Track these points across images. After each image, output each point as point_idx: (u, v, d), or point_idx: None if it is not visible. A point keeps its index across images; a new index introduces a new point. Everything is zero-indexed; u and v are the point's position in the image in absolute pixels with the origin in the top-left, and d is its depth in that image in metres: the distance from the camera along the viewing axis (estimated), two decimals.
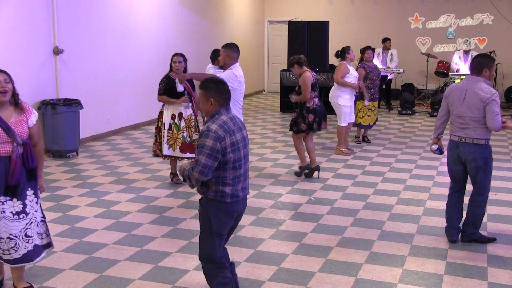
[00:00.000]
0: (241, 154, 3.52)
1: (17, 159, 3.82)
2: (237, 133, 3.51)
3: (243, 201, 3.64)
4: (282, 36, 16.16)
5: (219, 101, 3.53)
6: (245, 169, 3.59)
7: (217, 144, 3.37)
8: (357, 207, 6.15)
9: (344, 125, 8.74)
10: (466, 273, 4.50)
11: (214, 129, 3.40)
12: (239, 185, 3.55)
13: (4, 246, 3.91)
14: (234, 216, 3.62)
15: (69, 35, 8.94)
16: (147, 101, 11.08)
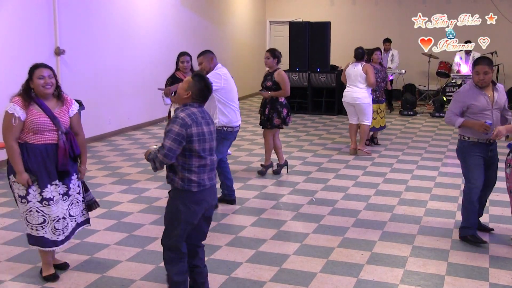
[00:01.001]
0: (206, 146, 3.69)
1: (64, 146, 4.14)
2: (204, 126, 3.68)
3: (210, 190, 3.78)
4: (283, 37, 16.17)
5: (196, 97, 3.72)
6: (211, 160, 3.75)
7: (182, 130, 3.56)
8: (358, 208, 6.14)
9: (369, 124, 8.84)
10: (467, 274, 4.49)
11: (181, 116, 3.61)
12: (205, 174, 3.71)
13: (60, 226, 4.26)
14: (203, 205, 3.73)
15: (71, 36, 8.96)
16: (148, 102, 11.09)
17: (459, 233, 5.21)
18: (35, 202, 4.16)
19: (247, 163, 8.16)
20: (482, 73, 4.94)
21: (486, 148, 5.10)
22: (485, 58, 5.12)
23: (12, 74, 7.97)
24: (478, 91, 5.01)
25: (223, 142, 6.05)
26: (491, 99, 5.02)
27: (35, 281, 4.32)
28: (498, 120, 5.08)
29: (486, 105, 4.99)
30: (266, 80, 7.40)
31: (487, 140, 5.06)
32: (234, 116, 6.08)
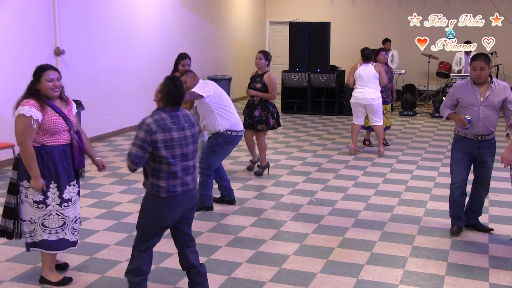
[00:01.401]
0: (176, 152, 3.60)
1: (78, 144, 4.23)
2: (176, 131, 3.60)
3: (183, 196, 3.69)
4: (283, 37, 16.18)
5: (166, 100, 3.67)
6: (183, 166, 3.66)
7: (147, 136, 3.54)
8: (358, 208, 6.14)
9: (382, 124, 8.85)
10: (467, 274, 4.50)
11: (147, 122, 3.58)
12: (175, 180, 3.64)
13: (77, 225, 4.36)
14: (174, 210, 3.67)
15: (70, 36, 8.95)
16: (148, 102, 11.05)
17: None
18: (55, 205, 4.17)
19: (246, 164, 8.16)
20: (479, 68, 5.02)
21: (472, 144, 5.17)
22: (482, 54, 5.20)
23: (12, 74, 7.97)
24: (471, 87, 5.13)
25: (227, 147, 5.95)
26: (482, 96, 5.08)
27: (34, 281, 4.32)
28: (488, 116, 5.09)
29: (474, 100, 5.09)
30: (255, 82, 7.39)
31: (475, 136, 5.11)
32: (236, 120, 5.98)
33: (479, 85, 5.11)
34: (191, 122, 3.75)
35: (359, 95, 8.67)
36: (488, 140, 5.18)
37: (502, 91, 5.12)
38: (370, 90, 8.60)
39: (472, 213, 5.41)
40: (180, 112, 3.72)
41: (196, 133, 3.78)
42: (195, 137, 3.76)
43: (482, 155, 5.20)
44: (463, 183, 5.28)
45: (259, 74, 7.40)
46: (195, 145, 3.78)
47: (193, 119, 3.79)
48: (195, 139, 3.76)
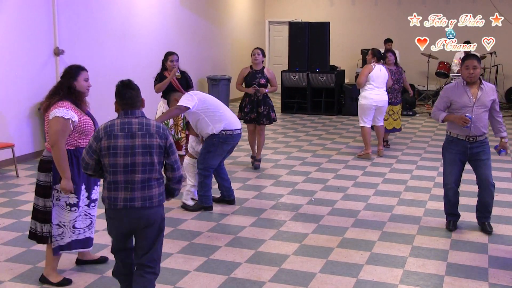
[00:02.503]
0: (119, 161, 3.40)
1: None
2: (122, 139, 3.40)
3: (125, 211, 3.43)
4: (282, 37, 16.17)
5: (121, 104, 3.55)
6: (128, 179, 3.42)
7: (94, 143, 3.46)
8: (358, 208, 6.14)
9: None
10: (467, 274, 4.49)
11: (99, 128, 3.51)
12: (118, 192, 3.43)
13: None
14: (114, 223, 3.53)
15: (70, 36, 8.95)
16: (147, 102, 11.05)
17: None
18: (83, 206, 4.23)
19: (246, 163, 8.16)
20: (472, 67, 5.07)
21: (464, 145, 5.19)
22: (473, 54, 5.35)
23: (11, 75, 7.97)
24: (463, 88, 5.16)
25: (222, 147, 5.87)
26: (474, 97, 5.12)
27: (34, 281, 4.31)
28: (480, 117, 5.13)
29: (467, 102, 5.13)
30: (257, 78, 7.61)
31: (467, 137, 5.14)
32: (230, 119, 5.90)
33: (470, 86, 5.15)
34: (149, 131, 3.45)
35: (377, 97, 8.41)
36: (480, 141, 5.20)
37: (491, 91, 5.20)
38: (383, 91, 8.56)
39: (479, 212, 5.43)
40: (136, 119, 3.47)
41: (153, 144, 3.44)
42: (149, 148, 3.43)
43: (476, 155, 5.22)
44: (454, 184, 5.36)
45: (257, 70, 7.63)
46: (151, 157, 3.44)
47: (153, 129, 3.47)
48: (149, 150, 3.43)
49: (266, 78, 7.62)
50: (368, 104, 8.42)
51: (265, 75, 7.63)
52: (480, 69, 5.12)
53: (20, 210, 5.98)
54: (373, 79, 8.42)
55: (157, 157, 3.47)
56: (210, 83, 13.19)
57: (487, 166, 5.26)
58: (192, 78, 7.57)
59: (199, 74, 13.33)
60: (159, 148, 3.47)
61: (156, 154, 3.46)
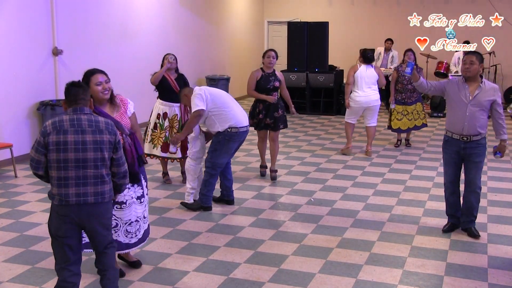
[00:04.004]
0: (70, 157, 3.41)
1: (130, 148, 4.08)
2: (73, 134, 3.43)
3: (77, 207, 3.45)
4: (281, 37, 16.15)
5: (67, 102, 3.58)
6: (79, 174, 3.43)
7: (41, 138, 3.43)
8: (357, 208, 6.14)
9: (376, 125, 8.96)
10: (466, 274, 4.49)
11: (46, 124, 3.48)
12: (68, 188, 3.43)
13: (133, 229, 4.30)
14: (65, 220, 3.47)
15: (69, 36, 8.94)
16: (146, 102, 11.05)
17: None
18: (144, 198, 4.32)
19: (245, 164, 8.16)
20: (469, 62, 5.07)
21: (458, 144, 5.18)
22: (474, 51, 5.30)
23: (10, 74, 7.96)
24: (462, 84, 5.16)
25: (229, 144, 5.85)
26: (471, 94, 5.09)
27: (33, 282, 4.30)
28: (475, 116, 5.07)
29: (463, 98, 5.12)
30: (271, 81, 7.15)
31: (461, 136, 5.13)
32: (237, 117, 5.85)
33: (470, 83, 5.12)
34: (99, 128, 3.50)
35: (362, 99, 8.53)
36: (475, 141, 5.11)
37: (491, 92, 5.10)
38: (372, 92, 8.60)
39: (464, 216, 5.34)
40: (86, 116, 3.51)
41: (104, 140, 3.49)
42: (99, 144, 3.47)
43: (469, 156, 5.15)
44: (451, 184, 5.35)
45: (270, 73, 7.22)
46: (102, 153, 3.48)
47: (103, 126, 3.52)
48: (99, 146, 3.47)
49: (279, 80, 7.22)
50: (355, 106, 8.65)
51: (278, 78, 7.23)
52: (477, 65, 5.05)
53: (19, 211, 5.97)
54: (357, 79, 8.54)
55: (107, 153, 3.53)
56: (209, 83, 13.17)
57: (477, 169, 5.16)
58: (191, 78, 7.57)
59: (198, 74, 13.33)
60: (109, 144, 3.53)
61: (107, 150, 3.52)
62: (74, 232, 3.56)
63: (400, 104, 9.08)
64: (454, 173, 5.32)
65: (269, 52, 7.29)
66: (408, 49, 9.16)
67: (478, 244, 5.11)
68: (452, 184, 5.35)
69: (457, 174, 5.33)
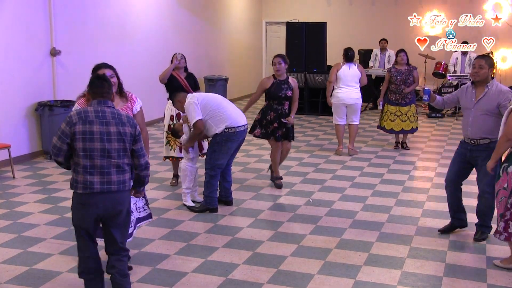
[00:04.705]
0: (96, 146, 3.55)
1: None
2: (98, 125, 3.56)
3: (101, 195, 3.58)
4: (280, 37, 16.15)
5: (91, 94, 3.73)
6: (104, 163, 3.57)
7: (67, 128, 3.55)
8: (355, 209, 6.13)
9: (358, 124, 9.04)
10: (465, 275, 4.49)
11: (71, 114, 3.60)
12: (93, 176, 3.55)
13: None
14: (92, 209, 3.58)
15: (66, 36, 8.92)
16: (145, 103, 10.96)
17: None
18: None
19: (244, 164, 8.15)
20: (478, 66, 5.05)
21: (466, 147, 5.19)
22: (484, 55, 5.34)
23: (8, 74, 7.94)
24: (472, 88, 5.17)
25: (227, 144, 5.82)
26: (475, 99, 5.09)
27: (30, 283, 4.29)
28: (478, 120, 5.03)
29: (469, 102, 5.15)
30: (283, 89, 6.67)
31: (469, 140, 5.14)
32: (232, 117, 5.83)
33: (477, 88, 5.10)
34: (122, 120, 3.65)
35: (343, 95, 8.78)
36: (483, 145, 5.05)
37: (496, 95, 4.98)
38: (354, 89, 8.76)
39: (479, 220, 5.25)
40: (109, 109, 3.66)
41: (126, 132, 3.64)
42: (122, 136, 3.62)
43: (475, 159, 5.11)
44: (451, 182, 5.33)
45: (282, 81, 6.71)
46: (124, 144, 3.64)
47: (125, 119, 3.68)
48: (122, 137, 3.62)
49: (291, 89, 6.70)
50: (336, 102, 8.84)
51: (291, 86, 6.70)
52: (487, 69, 4.99)
53: (16, 212, 5.96)
54: (340, 77, 8.76)
55: (129, 144, 3.68)
56: (207, 83, 13.17)
57: (484, 173, 4.99)
58: None
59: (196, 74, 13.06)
60: (130, 135, 3.68)
61: (128, 141, 3.67)
62: (95, 223, 3.68)
63: (394, 105, 9.05)
64: (454, 173, 5.30)
65: (275, 58, 6.79)
66: (401, 50, 9.19)
67: (477, 245, 5.11)
68: (452, 183, 5.31)
69: (457, 174, 5.29)
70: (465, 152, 5.17)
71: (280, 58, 6.74)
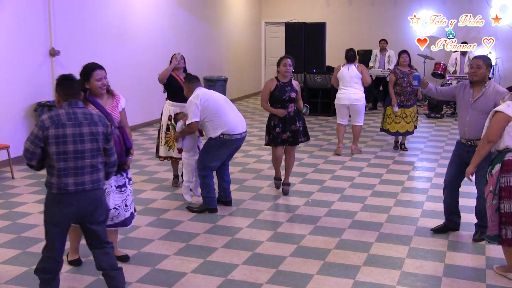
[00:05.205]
0: (69, 148, 3.57)
1: (118, 139, 4.24)
2: (71, 127, 3.58)
3: (76, 195, 3.62)
4: (279, 38, 16.15)
5: (62, 96, 3.72)
6: (78, 164, 3.60)
7: (40, 132, 3.55)
8: (355, 209, 6.13)
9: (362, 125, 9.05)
10: (464, 275, 4.49)
11: (43, 118, 3.60)
12: (68, 179, 3.58)
13: (110, 215, 4.37)
14: (67, 208, 3.62)
15: (66, 37, 8.92)
16: (144, 103, 11.07)
17: None
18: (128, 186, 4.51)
19: (243, 164, 8.15)
20: (475, 66, 5.06)
21: (463, 148, 5.19)
22: (482, 55, 5.35)
23: (7, 75, 7.93)
24: (469, 88, 5.18)
25: (220, 150, 5.82)
26: (473, 98, 5.09)
27: (30, 284, 4.29)
28: (475, 121, 5.01)
29: (466, 102, 5.16)
30: (286, 92, 6.46)
31: (466, 140, 5.14)
32: (230, 125, 5.77)
33: (475, 87, 5.11)
34: (94, 120, 3.68)
35: (343, 96, 8.85)
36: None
37: (493, 96, 4.99)
38: (354, 90, 8.75)
39: (478, 221, 5.26)
40: (80, 109, 3.69)
41: (99, 132, 3.67)
42: (95, 136, 3.66)
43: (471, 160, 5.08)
44: (449, 183, 5.34)
45: (286, 83, 6.52)
46: (97, 143, 3.67)
47: (97, 118, 3.71)
48: (95, 137, 3.66)
49: (295, 91, 6.54)
50: (337, 103, 8.95)
51: (294, 88, 6.54)
52: (484, 69, 5.00)
53: (15, 212, 5.95)
54: (340, 79, 8.86)
55: (102, 143, 3.73)
56: (207, 83, 13.16)
57: (481, 175, 4.93)
58: None
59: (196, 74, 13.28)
60: (103, 135, 3.73)
61: (101, 140, 3.72)
62: (69, 222, 3.71)
63: (399, 107, 8.98)
64: (452, 174, 5.31)
65: (285, 59, 6.57)
66: (403, 51, 9.14)
67: (476, 245, 5.11)
68: (450, 184, 5.32)
69: (455, 175, 5.29)
70: (463, 154, 5.16)
71: (290, 60, 6.56)
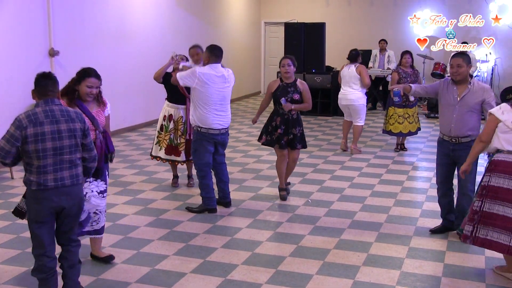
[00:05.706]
0: (48, 146, 3.61)
1: (101, 144, 4.32)
2: (49, 125, 3.62)
3: (55, 191, 3.67)
4: (278, 38, 16.16)
5: (37, 94, 3.82)
6: (56, 160, 3.65)
7: (17, 131, 3.59)
8: (354, 209, 6.13)
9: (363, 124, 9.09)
10: (464, 275, 4.49)
11: (20, 117, 3.64)
12: (47, 175, 3.63)
13: (90, 219, 4.49)
14: (46, 204, 3.66)
15: (65, 37, 8.92)
16: (143, 103, 11.06)
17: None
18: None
19: (242, 165, 8.15)
20: (456, 65, 5.06)
21: (447, 146, 5.18)
22: (461, 52, 5.30)
23: (7, 75, 7.93)
24: (452, 86, 5.16)
25: (202, 143, 5.82)
26: (459, 96, 5.08)
27: (29, 284, 4.28)
28: (463, 118, 5.04)
29: (452, 100, 5.13)
30: (288, 93, 6.23)
31: (450, 138, 5.14)
32: (207, 121, 5.75)
33: (458, 85, 5.11)
34: (71, 117, 3.74)
35: (341, 96, 9.06)
36: (464, 143, 5.05)
37: (480, 92, 5.02)
38: (351, 90, 8.82)
39: (457, 220, 5.27)
40: (57, 107, 3.73)
41: (76, 128, 3.73)
42: (73, 132, 3.72)
43: (459, 158, 5.08)
44: (441, 184, 5.34)
45: (289, 84, 6.28)
46: (75, 139, 3.73)
47: (74, 115, 3.76)
48: (73, 134, 3.72)
49: (299, 92, 6.26)
50: (338, 103, 9.25)
51: (299, 89, 6.27)
52: (465, 67, 5.02)
53: None
54: (341, 78, 9.03)
55: (80, 139, 3.79)
56: None
57: (470, 173, 4.96)
58: None
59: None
60: (80, 131, 3.78)
61: (79, 136, 3.77)
62: (52, 217, 3.76)
63: (401, 107, 8.88)
64: (443, 174, 5.31)
65: (284, 60, 6.32)
66: (406, 51, 9.12)
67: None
68: (443, 185, 5.33)
69: (447, 175, 5.31)
70: (448, 152, 5.17)
71: (289, 59, 6.30)
